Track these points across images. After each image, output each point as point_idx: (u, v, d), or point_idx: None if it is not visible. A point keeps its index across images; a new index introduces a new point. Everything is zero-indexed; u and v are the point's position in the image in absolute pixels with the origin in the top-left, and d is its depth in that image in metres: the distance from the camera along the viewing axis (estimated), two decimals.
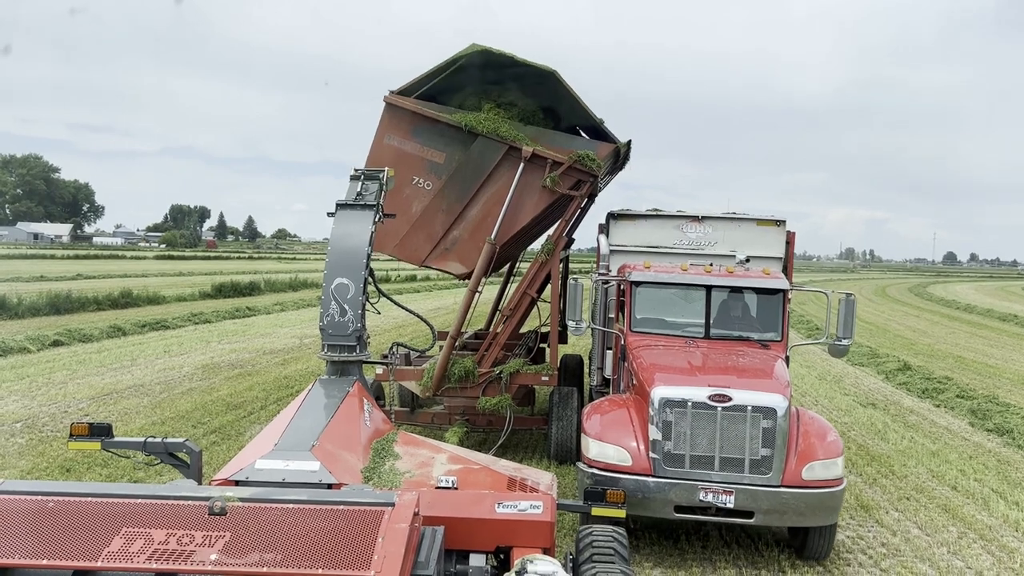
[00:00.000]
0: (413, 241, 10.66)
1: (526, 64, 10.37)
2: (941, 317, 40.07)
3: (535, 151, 10.05)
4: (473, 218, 10.57)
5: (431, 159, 10.52)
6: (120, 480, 9.28)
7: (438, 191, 10.54)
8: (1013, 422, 13.82)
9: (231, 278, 40.19)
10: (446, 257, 10.81)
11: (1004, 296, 64.87)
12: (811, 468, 7.18)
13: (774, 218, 10.77)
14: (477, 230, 10.54)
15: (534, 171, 10.18)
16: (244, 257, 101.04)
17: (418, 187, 10.57)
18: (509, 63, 10.36)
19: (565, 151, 10.16)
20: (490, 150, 10.28)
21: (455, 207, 10.55)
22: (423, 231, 10.66)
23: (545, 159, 10.09)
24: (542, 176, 10.14)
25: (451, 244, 10.73)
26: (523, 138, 10.19)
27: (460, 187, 10.48)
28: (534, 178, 10.20)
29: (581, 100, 10.79)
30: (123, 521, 4.04)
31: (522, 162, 10.09)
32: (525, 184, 10.21)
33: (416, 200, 10.59)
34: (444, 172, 10.50)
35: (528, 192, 10.26)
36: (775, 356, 8.49)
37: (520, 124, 10.53)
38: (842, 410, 15.19)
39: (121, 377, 15.97)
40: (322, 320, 6.97)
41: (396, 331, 22.94)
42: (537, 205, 10.33)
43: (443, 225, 10.63)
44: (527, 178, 10.18)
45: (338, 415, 6.04)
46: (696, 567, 7.53)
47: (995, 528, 8.90)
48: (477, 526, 4.90)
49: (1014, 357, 23.81)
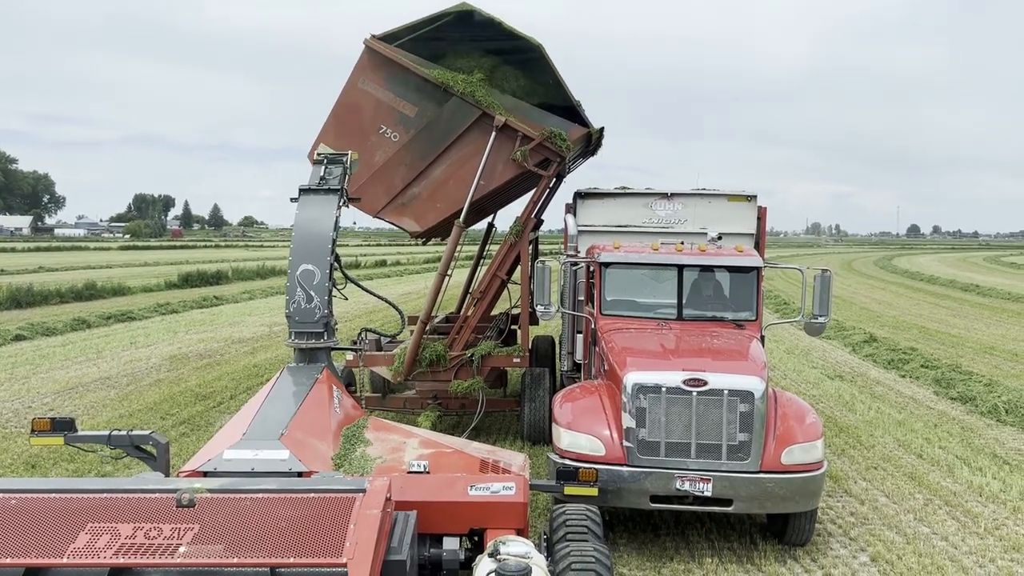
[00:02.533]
0: (370, 191, 10.41)
1: (512, 33, 10.27)
2: (905, 289, 40.72)
3: (507, 121, 9.92)
4: (435, 178, 10.44)
5: (402, 111, 10.34)
6: (87, 475, 9.13)
7: (404, 144, 10.38)
8: (976, 390, 14.11)
9: (197, 267, 39.68)
10: (402, 212, 10.68)
11: (966, 267, 66.09)
12: (790, 452, 6.96)
13: (745, 193, 10.67)
14: (437, 190, 10.44)
15: (504, 142, 10.08)
16: (211, 246, 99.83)
17: (384, 136, 10.41)
18: (496, 30, 10.24)
19: (537, 127, 10.09)
20: (462, 112, 10.13)
21: (418, 164, 10.40)
22: (382, 182, 10.50)
23: (516, 132, 9.98)
24: (511, 148, 10.04)
25: (408, 200, 10.59)
26: (498, 107, 10.07)
27: (427, 144, 10.33)
28: (504, 149, 10.10)
29: (562, 79, 10.73)
30: (88, 516, 3.97)
31: (494, 131, 9.98)
32: (494, 153, 10.10)
33: (380, 150, 10.44)
34: (413, 126, 10.34)
35: (495, 161, 10.15)
36: (750, 336, 8.34)
37: (497, 92, 10.41)
38: (810, 383, 15.39)
39: (86, 370, 15.71)
40: (288, 307, 6.89)
41: (366, 317, 22.81)
42: (502, 175, 10.22)
43: (403, 180, 10.49)
44: (496, 147, 10.08)
45: (307, 403, 6.00)
46: (669, 542, 7.60)
47: (960, 494, 9.09)
48: (450, 509, 4.89)
49: (976, 327, 24.29)
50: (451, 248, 10.64)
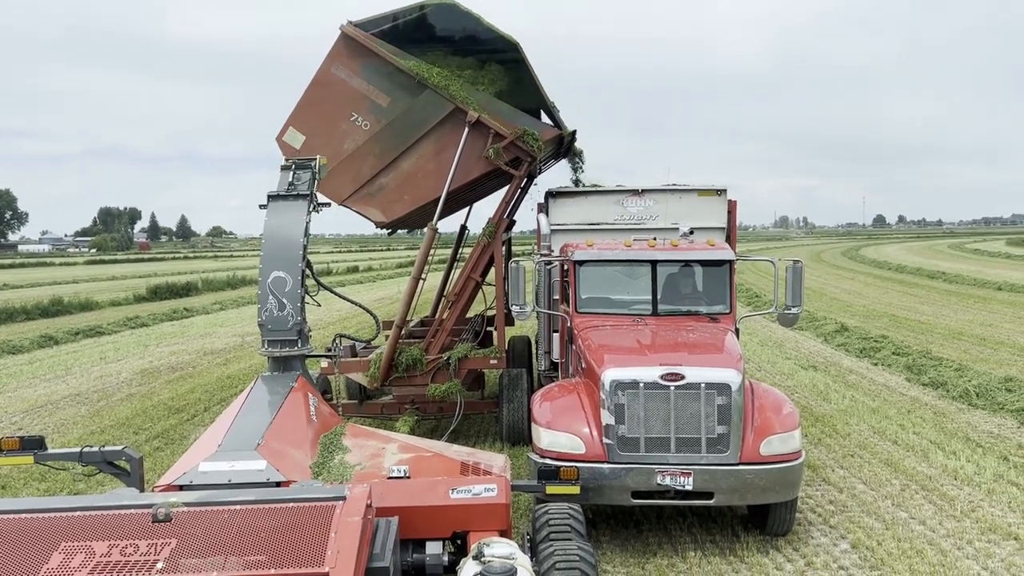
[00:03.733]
0: (337, 178, 10.25)
1: (491, 30, 10.22)
2: (874, 279, 41.28)
3: (480, 118, 9.87)
4: (404, 170, 10.37)
5: (375, 100, 10.24)
6: (59, 494, 8.95)
7: (374, 134, 10.28)
8: (946, 375, 14.31)
9: (166, 279, 39.19)
10: (368, 202, 10.58)
11: (931, 255, 67.17)
12: (769, 443, 6.99)
13: (715, 187, 10.75)
14: (405, 182, 10.37)
15: (477, 138, 10.04)
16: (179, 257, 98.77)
17: (355, 125, 10.29)
18: (475, 26, 10.21)
19: (510, 125, 10.06)
20: (435, 105, 10.06)
21: (388, 154, 10.31)
22: (350, 170, 10.38)
23: (489, 129, 9.94)
24: (484, 145, 10.00)
25: (376, 190, 10.50)
26: (472, 102, 10.01)
27: (398, 135, 10.25)
28: (476, 146, 10.05)
29: (538, 79, 10.70)
30: (62, 536, 3.88)
31: (467, 126, 9.92)
32: (466, 149, 10.04)
33: (350, 138, 10.33)
34: (385, 116, 10.24)
35: (467, 157, 10.09)
36: (725, 329, 8.37)
37: (472, 88, 10.35)
38: (785, 374, 15.53)
39: (55, 387, 15.42)
40: (260, 316, 6.81)
41: (340, 323, 22.64)
42: (473, 171, 10.18)
43: (372, 169, 10.39)
44: (469, 143, 10.02)
45: (282, 411, 5.93)
46: (652, 537, 7.61)
47: (935, 478, 9.21)
48: (432, 513, 4.85)
49: (944, 313, 24.67)
50: (424, 252, 10.59)
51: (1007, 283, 33.17)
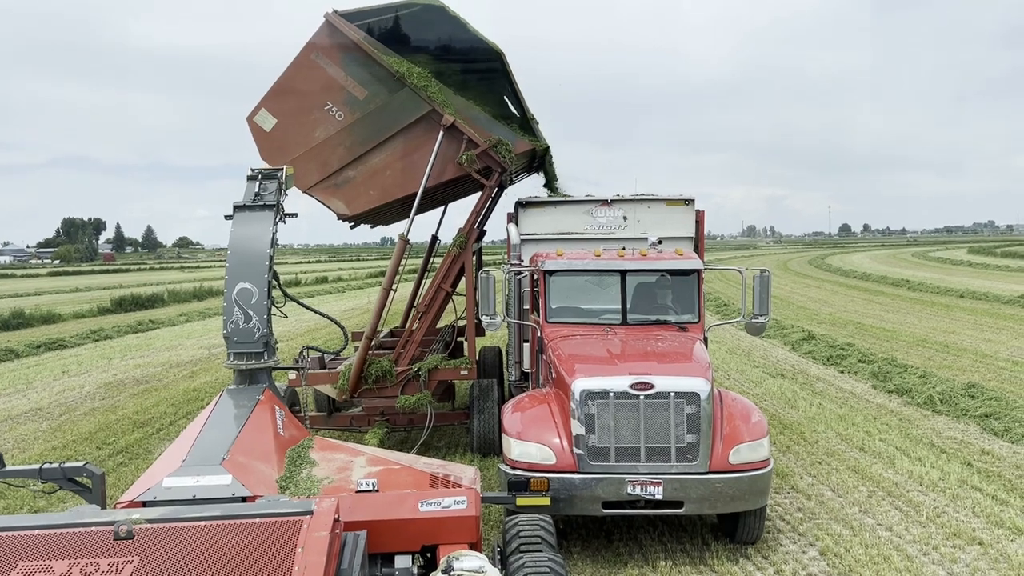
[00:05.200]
0: (304, 166, 10.21)
1: (476, 36, 10.21)
2: (840, 287, 41.84)
3: (455, 122, 9.86)
4: (372, 165, 10.33)
5: (352, 91, 10.17)
6: (19, 512, 8.74)
7: (347, 125, 10.22)
8: (911, 382, 14.53)
9: (131, 291, 38.58)
10: (332, 193, 10.52)
11: (896, 263, 68.29)
12: (737, 451, 7.04)
13: (683, 197, 10.85)
14: (373, 177, 10.34)
15: (451, 142, 10.04)
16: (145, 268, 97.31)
17: (329, 114, 10.22)
18: (460, 31, 10.21)
19: (484, 133, 10.07)
20: (412, 105, 10.03)
21: (358, 148, 10.26)
22: (318, 159, 10.32)
23: (463, 135, 9.94)
24: (456, 150, 10.00)
25: (342, 182, 10.45)
26: (449, 106, 9.99)
27: (370, 130, 10.20)
28: (449, 150, 10.05)
29: (519, 89, 10.71)
30: (19, 555, 3.77)
31: (441, 129, 9.91)
32: (439, 152, 10.02)
33: (322, 126, 10.26)
34: (360, 109, 10.18)
35: (440, 160, 10.08)
36: (694, 338, 8.43)
37: (450, 92, 10.32)
38: (753, 381, 15.66)
39: (16, 402, 15.09)
40: (226, 328, 6.71)
41: (308, 335, 22.44)
42: (442, 174, 10.17)
43: (340, 160, 10.33)
44: (443, 147, 10.01)
45: (248, 425, 5.84)
46: (623, 547, 7.60)
47: (901, 484, 9.32)
48: (401, 527, 4.80)
49: (908, 320, 25.07)
50: (395, 262, 10.54)
51: (968, 291, 33.80)
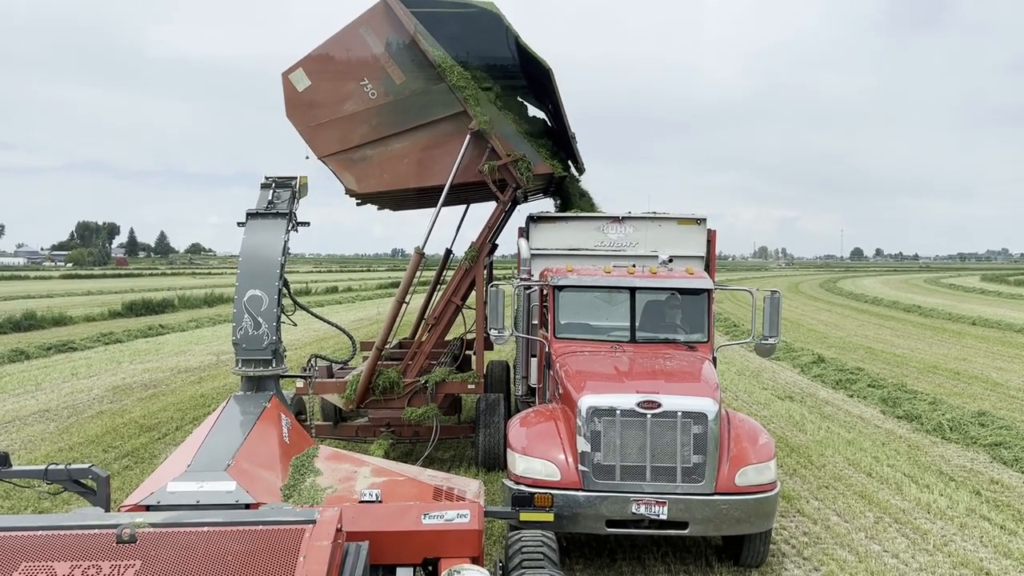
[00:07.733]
0: (326, 133, 10.34)
1: (527, 50, 10.29)
2: (851, 311, 41.66)
3: (482, 130, 9.93)
4: (392, 150, 10.41)
5: (390, 73, 10.21)
6: (24, 512, 8.76)
7: (377, 105, 10.29)
8: (920, 408, 14.42)
9: (143, 295, 38.82)
10: (346, 167, 10.57)
11: (908, 288, 67.96)
12: (744, 473, 6.96)
13: (695, 216, 10.80)
14: (389, 161, 10.43)
15: (475, 147, 10.12)
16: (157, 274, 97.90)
17: (363, 90, 10.29)
18: (512, 41, 10.31)
19: (508, 147, 10.14)
20: (446, 101, 10.10)
21: (382, 129, 10.34)
22: (341, 130, 10.39)
23: (487, 144, 10.02)
24: (479, 156, 10.10)
25: (359, 159, 10.51)
26: (482, 113, 10.05)
27: (399, 115, 10.28)
28: (472, 155, 10.14)
29: (563, 107, 10.78)
30: (22, 556, 3.78)
31: (468, 133, 10.00)
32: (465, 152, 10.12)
33: (352, 100, 10.34)
34: (394, 93, 10.24)
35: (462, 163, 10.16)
36: (702, 358, 8.38)
37: (487, 99, 10.36)
38: (761, 404, 15.57)
39: (24, 403, 15.15)
40: (235, 334, 6.74)
41: (317, 344, 22.49)
42: (461, 176, 10.23)
43: (362, 138, 10.40)
44: (470, 149, 10.11)
45: (254, 432, 5.84)
46: (626, 567, 7.55)
47: (908, 511, 9.23)
48: (403, 539, 4.77)
49: (919, 347, 24.91)
50: (410, 274, 10.57)
51: (981, 318, 33.59)
